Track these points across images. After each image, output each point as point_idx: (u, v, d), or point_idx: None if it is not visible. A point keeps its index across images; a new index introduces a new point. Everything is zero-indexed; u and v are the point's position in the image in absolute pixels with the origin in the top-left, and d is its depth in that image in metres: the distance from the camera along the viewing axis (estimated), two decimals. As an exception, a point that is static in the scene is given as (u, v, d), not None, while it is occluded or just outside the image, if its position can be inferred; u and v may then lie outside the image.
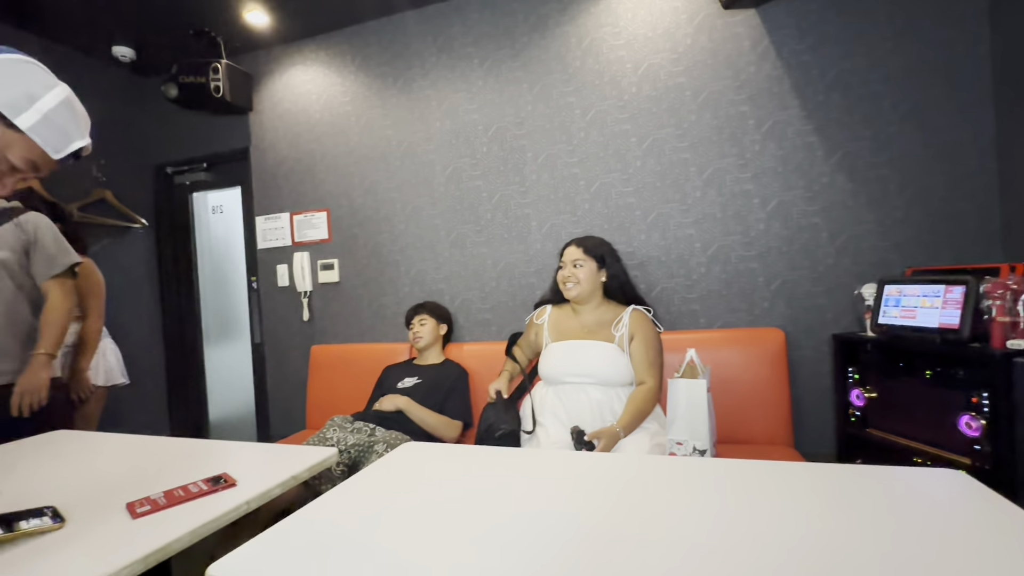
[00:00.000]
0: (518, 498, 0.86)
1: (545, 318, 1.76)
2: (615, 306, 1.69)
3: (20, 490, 1.02)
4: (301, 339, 2.64)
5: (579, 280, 1.65)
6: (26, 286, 1.63)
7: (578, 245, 1.70)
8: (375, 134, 2.48)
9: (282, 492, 1.06)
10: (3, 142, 0.73)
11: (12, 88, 0.73)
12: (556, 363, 1.63)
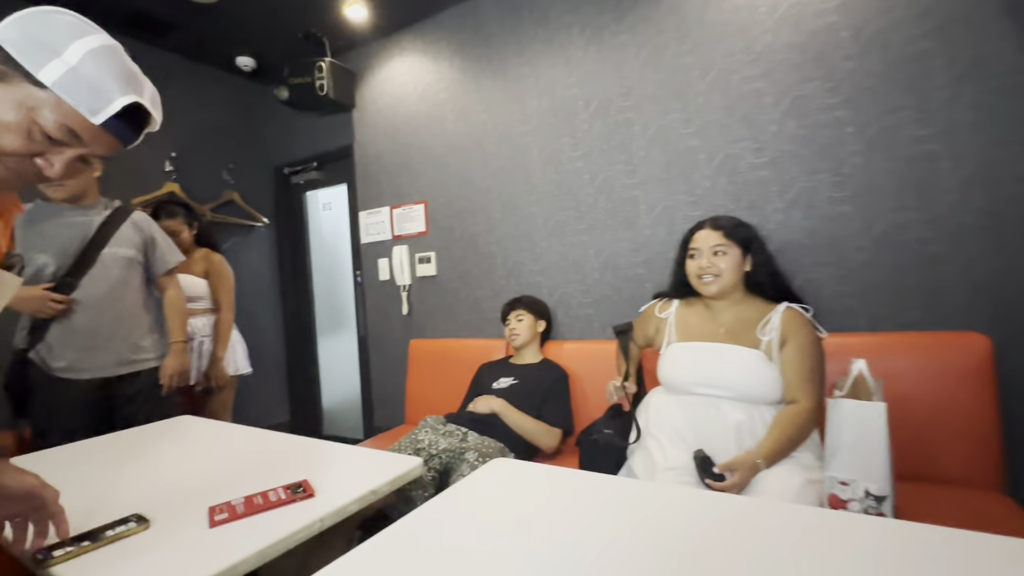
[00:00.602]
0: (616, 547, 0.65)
1: (671, 312, 1.45)
2: (761, 303, 1.34)
3: (139, 472, 1.05)
4: (401, 332, 2.65)
5: (720, 271, 1.31)
6: (148, 281, 1.78)
7: (715, 227, 1.35)
8: (470, 120, 2.37)
9: (360, 508, 0.96)
10: (29, 102, 0.59)
11: (35, 40, 0.59)
12: (683, 368, 1.33)
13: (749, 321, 1.31)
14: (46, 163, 0.63)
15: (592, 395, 1.91)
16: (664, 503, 0.81)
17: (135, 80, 0.68)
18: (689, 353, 1.33)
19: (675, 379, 1.34)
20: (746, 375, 1.23)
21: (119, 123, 0.65)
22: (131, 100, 0.64)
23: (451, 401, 2.06)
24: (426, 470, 1.49)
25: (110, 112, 0.63)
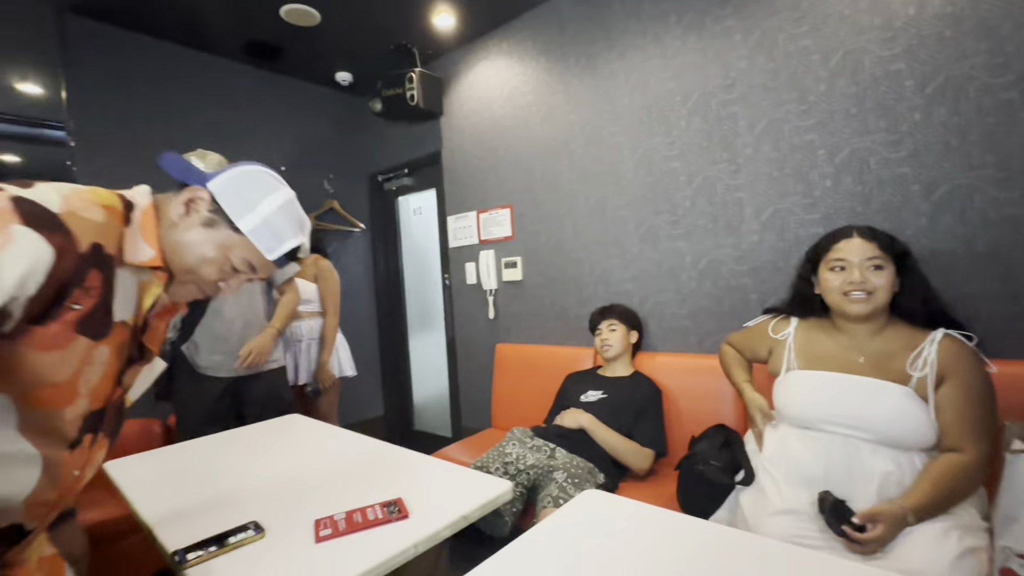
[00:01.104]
0: None
1: (790, 332, 1.28)
2: (908, 329, 1.13)
3: (255, 472, 1.14)
4: (487, 336, 2.67)
5: (875, 289, 1.10)
6: (269, 290, 1.94)
7: (869, 237, 1.14)
8: (557, 121, 2.31)
9: (454, 532, 0.96)
10: (227, 244, 0.76)
11: (239, 195, 0.77)
12: (813, 401, 1.15)
13: (895, 351, 1.10)
14: (227, 286, 0.80)
15: (686, 413, 1.79)
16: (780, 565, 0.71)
17: (303, 222, 0.84)
18: (822, 384, 1.15)
19: (801, 412, 1.16)
20: (895, 416, 1.04)
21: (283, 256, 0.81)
22: (298, 243, 0.81)
23: (536, 407, 2.03)
24: (515, 486, 1.47)
25: (282, 252, 0.79)
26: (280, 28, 2.39)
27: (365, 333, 3.31)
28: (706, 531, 0.85)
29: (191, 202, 0.75)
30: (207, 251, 0.75)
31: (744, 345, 1.44)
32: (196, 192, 0.76)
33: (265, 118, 2.86)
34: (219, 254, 0.76)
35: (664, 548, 0.79)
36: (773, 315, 1.36)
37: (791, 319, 1.30)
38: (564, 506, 0.97)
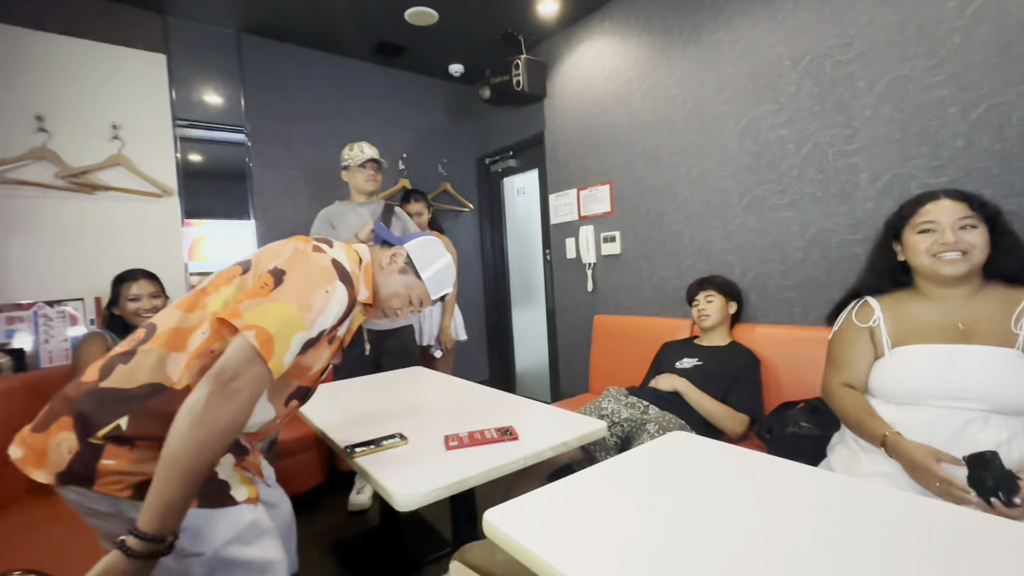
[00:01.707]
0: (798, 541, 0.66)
1: (878, 316, 1.20)
2: (1004, 289, 1.08)
3: (397, 403, 1.42)
4: (586, 308, 2.80)
5: (970, 248, 1.06)
6: None
7: (958, 197, 1.10)
8: (658, 96, 2.33)
9: (554, 455, 1.13)
10: (412, 285, 1.09)
11: (424, 255, 1.10)
12: (920, 378, 1.09)
13: (995, 312, 1.05)
14: (402, 314, 1.10)
15: (786, 383, 1.78)
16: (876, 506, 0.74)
17: (453, 275, 1.15)
18: (922, 358, 1.10)
19: (904, 389, 1.12)
20: (1010, 381, 0.99)
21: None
22: (447, 292, 1.14)
23: (633, 375, 2.14)
24: (609, 436, 1.62)
25: (441, 295, 1.12)
26: (403, 29, 2.69)
27: (473, 304, 3.62)
28: (802, 472, 0.87)
29: (395, 255, 1.08)
30: (399, 289, 1.07)
31: (853, 370, 1.22)
32: (399, 250, 1.09)
33: (390, 111, 3.23)
34: (405, 292, 1.08)
35: (754, 484, 0.84)
36: (852, 305, 1.29)
37: (871, 303, 1.23)
38: (652, 440, 1.10)
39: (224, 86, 2.64)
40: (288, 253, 0.91)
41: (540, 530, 0.71)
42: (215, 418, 0.73)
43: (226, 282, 0.90)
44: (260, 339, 0.77)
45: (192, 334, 0.85)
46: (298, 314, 0.81)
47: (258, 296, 0.82)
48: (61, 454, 0.78)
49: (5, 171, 2.05)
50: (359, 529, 2.00)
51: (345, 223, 2.14)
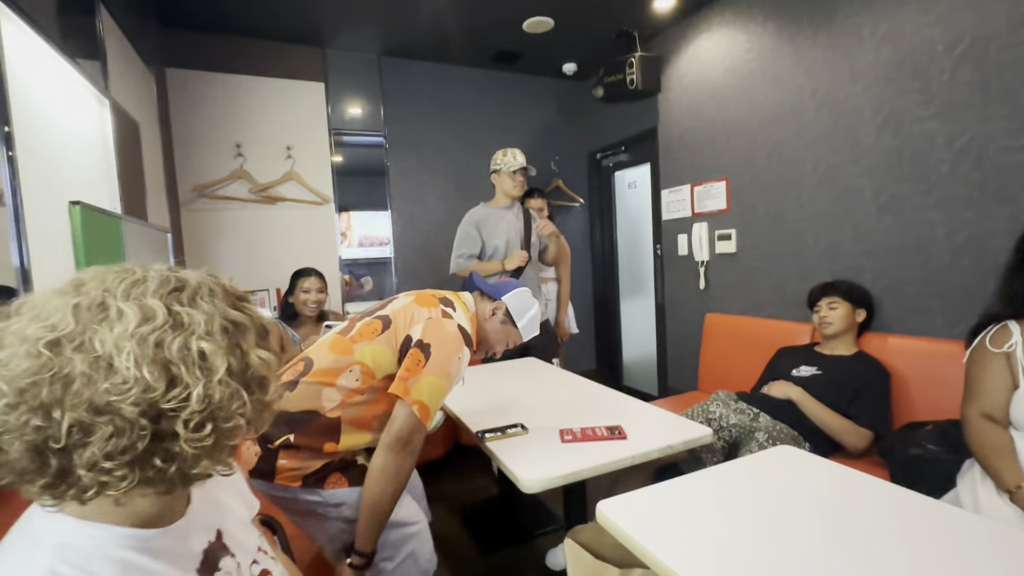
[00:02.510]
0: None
1: (1016, 341, 1.14)
2: None
3: (519, 390, 1.64)
4: (697, 305, 2.78)
5: None
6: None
7: None
8: (784, 87, 2.21)
9: (658, 456, 1.25)
10: (511, 332, 1.33)
11: (519, 306, 1.32)
12: None
13: None
14: (497, 352, 1.37)
15: (919, 400, 1.67)
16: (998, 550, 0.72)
17: (539, 321, 1.36)
18: None
19: None
20: None
21: None
22: (534, 335, 1.37)
23: (744, 377, 2.12)
24: (716, 439, 1.67)
25: (527, 337, 1.36)
26: (521, 37, 2.84)
27: (582, 296, 3.74)
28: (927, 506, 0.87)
29: (497, 309, 1.32)
30: (501, 337, 1.33)
31: (989, 399, 1.14)
32: (500, 304, 1.32)
33: (506, 113, 3.43)
34: (505, 338, 1.34)
35: (852, 507, 0.87)
36: (987, 330, 1.19)
37: (1011, 327, 1.14)
38: (762, 451, 1.16)
39: (367, 101, 3.04)
40: (424, 323, 1.14)
41: (645, 523, 0.85)
42: (400, 472, 1.07)
43: (370, 336, 1.16)
44: (421, 412, 1.07)
45: (342, 374, 1.13)
46: (443, 384, 1.11)
47: (416, 371, 1.09)
48: (249, 456, 1.13)
49: (216, 189, 2.63)
50: (480, 498, 2.29)
51: (488, 226, 2.39)
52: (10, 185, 1.01)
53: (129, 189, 1.70)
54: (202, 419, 0.44)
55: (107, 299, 0.44)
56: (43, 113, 1.19)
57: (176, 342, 0.44)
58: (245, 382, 0.48)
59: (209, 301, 0.48)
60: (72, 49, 1.35)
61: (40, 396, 0.40)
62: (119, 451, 0.41)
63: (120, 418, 0.41)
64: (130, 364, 0.41)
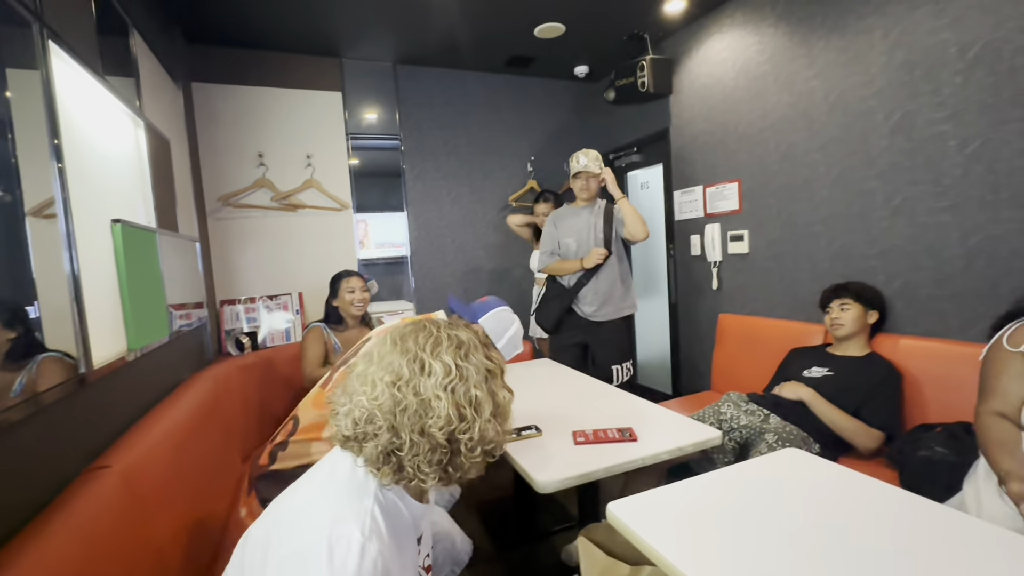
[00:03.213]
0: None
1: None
2: None
3: (529, 390, 1.69)
4: (710, 305, 2.80)
5: None
6: (625, 254, 2.54)
7: None
8: (795, 89, 2.22)
9: (670, 458, 1.29)
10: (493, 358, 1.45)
11: (496, 328, 1.36)
12: None
13: None
14: None
15: (932, 402, 1.68)
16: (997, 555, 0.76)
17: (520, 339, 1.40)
18: None
19: None
20: None
21: None
22: (516, 354, 1.41)
23: (757, 377, 2.15)
24: (727, 440, 1.70)
25: (510, 358, 1.39)
26: (533, 43, 2.88)
27: (595, 295, 3.77)
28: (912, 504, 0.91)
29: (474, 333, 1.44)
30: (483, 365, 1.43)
31: (1005, 399, 1.15)
32: (476, 327, 1.30)
33: (520, 116, 3.47)
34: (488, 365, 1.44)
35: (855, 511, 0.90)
36: (1004, 329, 1.20)
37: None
38: (771, 452, 1.20)
39: (383, 107, 3.11)
40: None
41: (654, 523, 0.90)
42: None
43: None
44: None
45: (326, 427, 1.18)
46: None
47: None
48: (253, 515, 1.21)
49: (240, 198, 2.73)
50: (497, 495, 2.36)
51: (565, 224, 2.48)
52: (60, 197, 1.08)
53: (162, 203, 1.79)
54: (475, 444, 0.70)
55: (423, 356, 0.71)
56: (84, 134, 1.27)
57: (463, 389, 0.70)
58: (496, 415, 0.73)
59: (475, 354, 0.74)
60: (108, 70, 1.44)
61: (392, 420, 0.67)
62: (433, 461, 0.68)
63: (434, 440, 0.67)
64: (442, 406, 0.67)
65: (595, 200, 2.46)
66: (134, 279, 1.40)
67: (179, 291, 1.88)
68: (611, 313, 2.40)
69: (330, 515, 0.66)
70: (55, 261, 1.05)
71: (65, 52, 1.16)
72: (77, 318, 1.09)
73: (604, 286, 2.38)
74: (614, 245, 2.39)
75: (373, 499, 0.69)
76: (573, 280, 2.44)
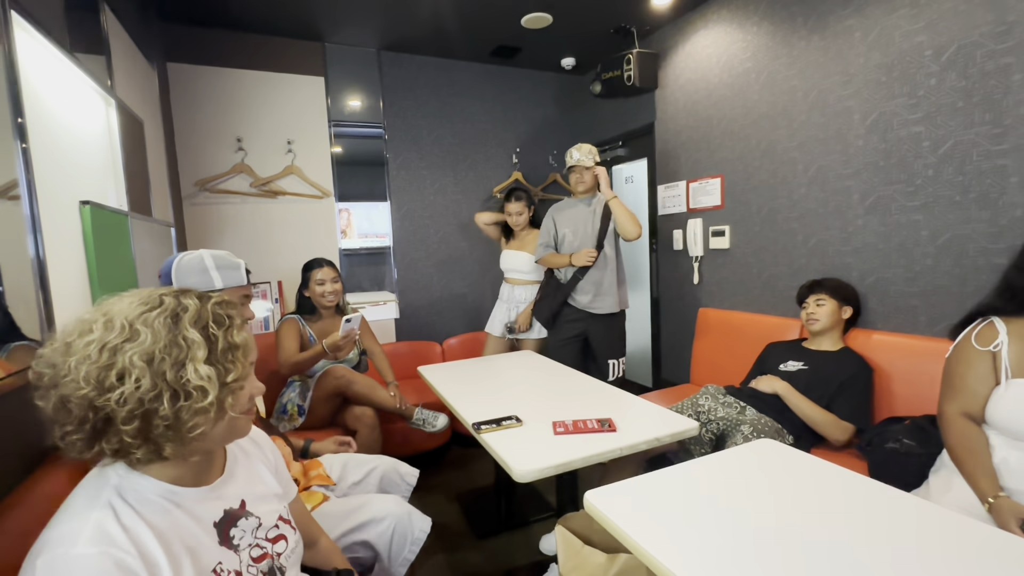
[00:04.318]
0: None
1: (1001, 341, 1.15)
2: None
3: (510, 381, 1.69)
4: (691, 300, 2.84)
5: None
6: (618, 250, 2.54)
7: None
8: (777, 88, 2.25)
9: (648, 448, 1.31)
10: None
11: (187, 275, 1.29)
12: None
13: None
14: None
15: (900, 395, 1.74)
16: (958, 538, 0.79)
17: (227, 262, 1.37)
18: None
19: (1020, 428, 1.09)
20: None
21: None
22: (236, 282, 1.35)
23: (735, 371, 2.19)
24: (704, 432, 1.74)
25: (229, 284, 1.34)
26: (519, 32, 2.85)
27: (578, 289, 3.79)
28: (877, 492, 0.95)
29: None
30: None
31: (970, 398, 1.17)
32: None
33: (505, 108, 3.45)
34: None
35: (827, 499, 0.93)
36: (971, 326, 1.22)
37: (997, 324, 1.17)
38: (746, 443, 1.22)
39: (367, 95, 3.06)
40: None
41: (630, 512, 0.91)
42: None
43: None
44: None
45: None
46: None
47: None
48: None
49: (217, 183, 2.66)
50: (478, 485, 2.36)
51: (563, 216, 2.50)
52: (25, 179, 1.04)
53: (134, 185, 1.74)
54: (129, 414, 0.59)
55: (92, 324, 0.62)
56: (52, 113, 1.22)
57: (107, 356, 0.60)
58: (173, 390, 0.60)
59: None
60: (77, 47, 1.38)
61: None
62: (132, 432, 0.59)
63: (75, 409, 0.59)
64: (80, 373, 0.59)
65: (593, 193, 2.47)
66: (104, 263, 1.36)
67: (153, 277, 1.83)
68: (608, 306, 2.42)
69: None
70: (19, 244, 1.02)
71: (29, 24, 1.11)
72: (42, 303, 1.06)
73: (599, 277, 2.41)
74: (609, 240, 2.41)
75: (112, 489, 0.62)
76: (569, 274, 2.46)
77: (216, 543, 0.69)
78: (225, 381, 0.64)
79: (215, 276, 1.32)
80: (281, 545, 0.79)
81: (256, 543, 0.75)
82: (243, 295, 1.38)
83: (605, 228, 2.39)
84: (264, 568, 0.75)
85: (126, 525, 0.59)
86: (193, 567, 0.64)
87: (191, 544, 0.65)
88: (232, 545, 0.71)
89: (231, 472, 0.77)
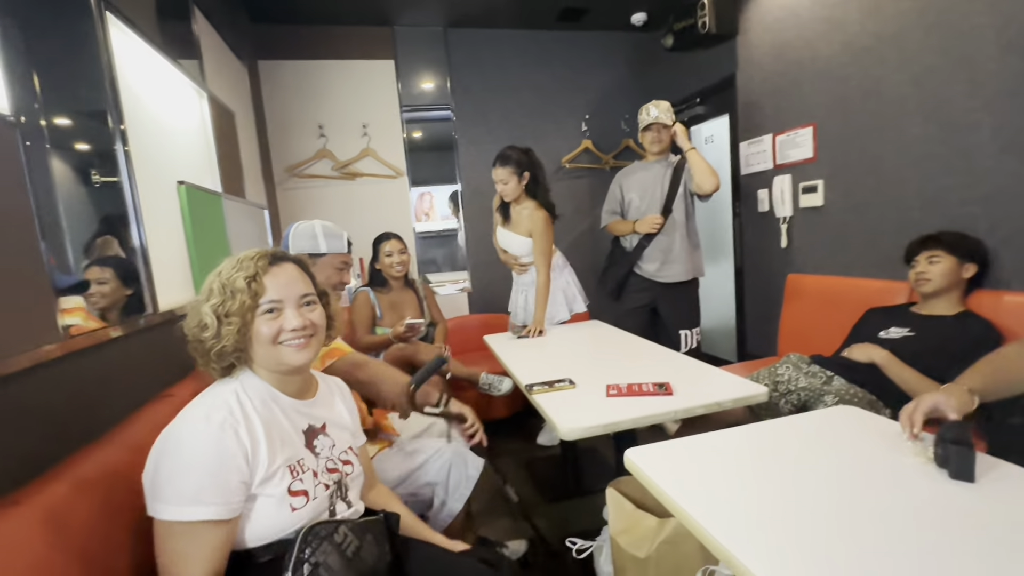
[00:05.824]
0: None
1: None
2: None
3: (574, 348, 1.68)
4: (778, 266, 2.59)
5: None
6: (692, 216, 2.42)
7: None
8: (884, 12, 1.93)
9: (706, 412, 1.23)
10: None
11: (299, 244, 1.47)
12: None
13: None
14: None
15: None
16: None
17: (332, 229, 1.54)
18: None
19: None
20: None
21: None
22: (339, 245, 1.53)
23: (828, 342, 1.96)
24: (783, 403, 1.58)
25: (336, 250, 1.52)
26: (584, -8, 2.73)
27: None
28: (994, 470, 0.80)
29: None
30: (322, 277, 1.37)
31: None
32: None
33: (574, 73, 3.34)
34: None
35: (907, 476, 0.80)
36: None
37: None
38: (810, 412, 1.10)
39: (435, 74, 3.13)
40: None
41: (673, 472, 0.86)
42: None
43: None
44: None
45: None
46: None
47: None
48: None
49: (304, 169, 2.89)
50: (545, 454, 2.38)
51: (631, 179, 2.41)
52: (127, 175, 1.21)
53: (228, 171, 1.94)
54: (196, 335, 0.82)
55: None
56: (151, 107, 1.40)
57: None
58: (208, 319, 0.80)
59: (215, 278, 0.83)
60: (172, 50, 1.56)
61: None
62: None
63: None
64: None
65: (667, 155, 2.36)
66: (200, 239, 1.54)
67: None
68: (678, 274, 2.30)
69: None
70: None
71: (125, 25, 1.27)
72: (144, 272, 1.22)
73: (667, 243, 2.29)
74: (679, 204, 2.27)
75: (230, 390, 0.81)
76: (635, 241, 2.36)
77: (303, 445, 0.85)
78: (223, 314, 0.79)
79: (321, 242, 1.49)
80: (348, 468, 0.92)
81: (330, 458, 0.89)
82: (342, 261, 1.55)
83: (675, 192, 2.25)
84: (335, 479, 0.88)
85: (244, 405, 0.79)
86: (282, 453, 0.80)
87: (284, 437, 0.82)
88: (315, 452, 0.87)
89: (321, 398, 0.95)
